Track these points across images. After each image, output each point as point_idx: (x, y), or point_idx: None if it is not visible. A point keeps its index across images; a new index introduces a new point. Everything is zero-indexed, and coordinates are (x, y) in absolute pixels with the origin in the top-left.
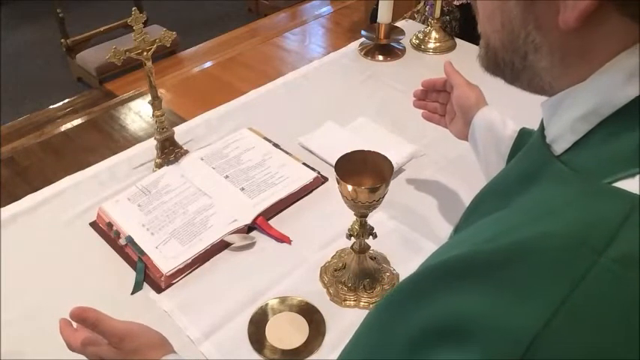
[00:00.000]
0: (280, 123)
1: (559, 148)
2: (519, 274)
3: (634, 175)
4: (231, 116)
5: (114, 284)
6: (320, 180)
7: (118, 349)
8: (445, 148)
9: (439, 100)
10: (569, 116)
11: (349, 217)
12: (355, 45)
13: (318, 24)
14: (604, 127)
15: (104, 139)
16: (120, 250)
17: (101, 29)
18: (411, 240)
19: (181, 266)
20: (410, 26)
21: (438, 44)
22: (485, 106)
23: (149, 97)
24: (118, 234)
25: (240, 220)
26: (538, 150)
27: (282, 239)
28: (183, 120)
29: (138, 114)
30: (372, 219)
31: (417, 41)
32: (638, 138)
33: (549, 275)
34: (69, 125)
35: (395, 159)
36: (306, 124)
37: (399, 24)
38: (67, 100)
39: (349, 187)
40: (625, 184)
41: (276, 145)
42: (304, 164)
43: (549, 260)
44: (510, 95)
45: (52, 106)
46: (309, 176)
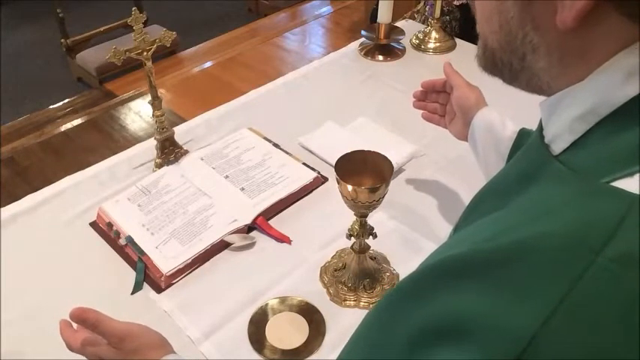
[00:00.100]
0: (280, 123)
1: (557, 147)
2: (518, 273)
3: (632, 175)
4: (231, 116)
5: (114, 284)
6: (320, 180)
7: (117, 349)
8: (445, 148)
9: (439, 101)
10: (567, 116)
11: (349, 217)
12: (355, 45)
13: (318, 24)
14: (602, 126)
15: (104, 139)
16: (120, 250)
17: (101, 29)
18: (411, 240)
19: (181, 266)
20: (410, 26)
21: (438, 44)
22: (485, 107)
23: (149, 97)
24: (118, 234)
25: (240, 220)
26: (537, 150)
27: (282, 239)
28: (183, 120)
29: (138, 114)
30: (372, 219)
31: (417, 41)
32: (636, 137)
33: (547, 275)
34: (69, 125)
35: (395, 159)
36: (306, 124)
37: (399, 24)
38: (67, 100)
39: (349, 187)
40: (623, 183)
41: (276, 145)
42: (304, 164)
43: (547, 260)
44: (510, 96)
45: (52, 106)
46: (309, 176)
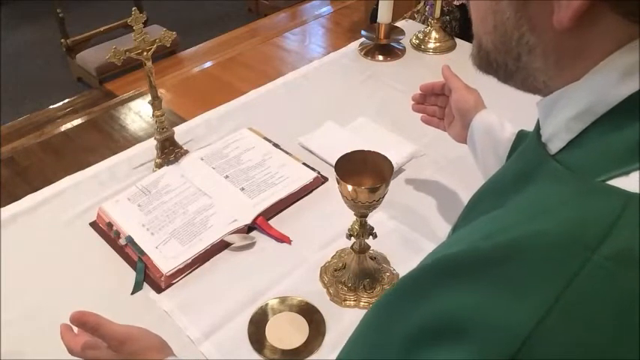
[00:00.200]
0: (280, 123)
1: (554, 147)
2: (514, 271)
3: (628, 173)
4: (231, 116)
5: (114, 284)
6: (320, 180)
7: (118, 352)
8: (445, 148)
9: (438, 104)
10: (563, 115)
11: (349, 217)
12: (355, 45)
13: (318, 24)
14: (598, 125)
15: (104, 139)
16: (120, 250)
17: (101, 29)
18: (411, 240)
19: (181, 266)
20: (410, 26)
21: (438, 44)
22: (484, 110)
23: (149, 97)
24: (118, 234)
25: (240, 220)
26: (534, 149)
27: (282, 239)
28: (183, 120)
29: (138, 114)
30: (372, 219)
31: (417, 41)
32: (632, 136)
33: (543, 273)
34: (69, 125)
35: (395, 159)
36: (306, 124)
37: (399, 24)
38: (67, 100)
39: (349, 187)
40: (619, 181)
41: (276, 145)
42: (304, 164)
43: (544, 258)
44: (509, 97)
45: (52, 106)
46: (309, 176)
